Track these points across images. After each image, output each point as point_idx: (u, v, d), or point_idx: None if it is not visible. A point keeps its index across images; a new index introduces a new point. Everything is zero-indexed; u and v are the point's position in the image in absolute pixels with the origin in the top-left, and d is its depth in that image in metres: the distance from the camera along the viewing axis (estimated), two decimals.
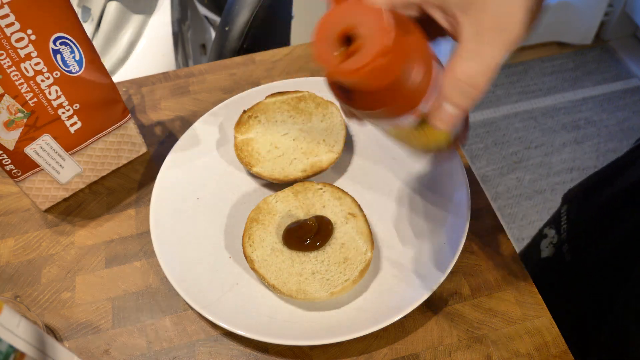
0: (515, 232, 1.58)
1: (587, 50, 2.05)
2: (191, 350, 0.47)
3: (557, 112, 1.87)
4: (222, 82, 0.69)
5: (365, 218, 0.50)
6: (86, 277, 0.52)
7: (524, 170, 1.72)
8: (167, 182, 0.56)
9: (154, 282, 0.51)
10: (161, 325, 0.49)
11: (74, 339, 0.48)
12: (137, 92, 0.69)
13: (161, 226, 0.53)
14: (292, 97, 0.61)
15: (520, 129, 1.82)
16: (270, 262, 0.48)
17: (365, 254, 0.47)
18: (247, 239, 0.50)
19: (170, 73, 0.71)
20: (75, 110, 0.52)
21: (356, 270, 0.46)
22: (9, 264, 0.54)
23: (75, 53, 0.49)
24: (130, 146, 0.60)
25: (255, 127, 0.59)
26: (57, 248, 0.55)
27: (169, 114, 0.66)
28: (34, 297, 0.51)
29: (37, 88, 0.48)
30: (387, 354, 0.46)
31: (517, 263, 0.50)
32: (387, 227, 0.52)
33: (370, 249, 0.48)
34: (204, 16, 1.24)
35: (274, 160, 0.56)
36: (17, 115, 0.48)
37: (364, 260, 0.47)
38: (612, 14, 2.01)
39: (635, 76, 1.95)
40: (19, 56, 0.46)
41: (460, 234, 0.49)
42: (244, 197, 0.56)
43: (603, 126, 1.81)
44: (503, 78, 1.99)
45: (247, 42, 0.87)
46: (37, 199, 0.56)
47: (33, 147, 0.51)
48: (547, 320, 0.47)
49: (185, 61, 1.10)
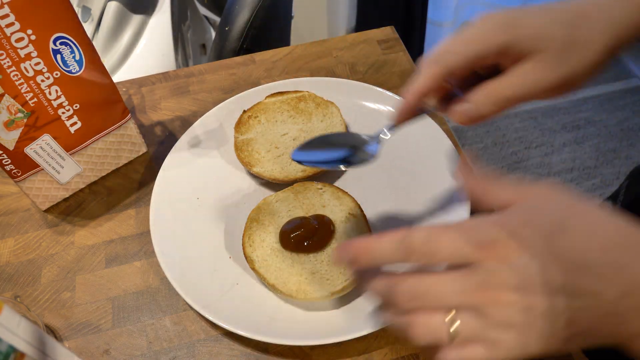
0: None
1: None
2: (191, 350, 0.47)
3: (557, 112, 1.87)
4: (222, 82, 0.69)
5: (365, 218, 0.50)
6: (86, 277, 0.52)
7: (524, 170, 1.72)
8: (167, 182, 0.56)
9: (154, 282, 0.51)
10: (161, 325, 0.49)
11: (74, 339, 0.48)
12: (137, 92, 0.69)
13: (161, 226, 0.53)
14: (292, 97, 0.61)
15: (520, 129, 1.82)
16: (270, 262, 0.48)
17: None
18: (247, 239, 0.50)
19: (170, 73, 0.71)
20: (75, 110, 0.52)
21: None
22: (9, 264, 0.54)
23: (75, 53, 0.49)
24: (130, 146, 0.60)
25: (255, 127, 0.59)
26: (57, 248, 0.55)
27: (169, 114, 0.66)
28: (34, 297, 0.51)
29: (37, 88, 0.48)
30: (387, 354, 0.46)
31: None
32: (387, 227, 0.52)
33: None
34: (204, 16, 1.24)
35: (274, 160, 0.56)
36: (17, 115, 0.48)
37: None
38: None
39: (635, 76, 1.95)
40: (19, 56, 0.46)
41: None
42: (244, 197, 0.56)
43: (603, 126, 1.81)
44: None
45: (247, 42, 0.87)
46: (37, 199, 0.56)
47: (33, 147, 0.51)
48: None
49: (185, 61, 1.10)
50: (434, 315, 0.31)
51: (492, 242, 0.30)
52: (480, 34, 0.35)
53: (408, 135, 0.59)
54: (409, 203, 0.54)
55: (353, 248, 0.32)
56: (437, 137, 0.57)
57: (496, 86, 0.36)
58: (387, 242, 0.32)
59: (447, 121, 0.61)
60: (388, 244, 0.32)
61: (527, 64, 0.35)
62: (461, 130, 1.84)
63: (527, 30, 0.34)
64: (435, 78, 0.37)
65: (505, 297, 0.29)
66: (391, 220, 0.53)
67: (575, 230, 0.29)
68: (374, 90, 0.62)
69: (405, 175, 0.56)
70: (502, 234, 0.30)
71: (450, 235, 0.31)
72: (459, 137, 1.81)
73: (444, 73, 0.37)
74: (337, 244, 0.48)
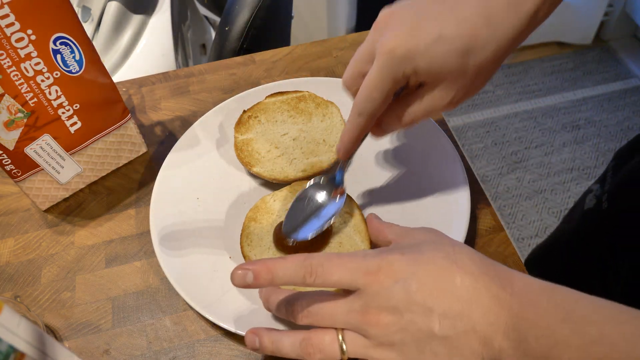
0: (515, 232, 1.58)
1: (587, 50, 2.05)
2: (191, 350, 0.47)
3: (557, 112, 1.87)
4: (222, 82, 0.69)
5: (363, 217, 0.50)
6: (86, 277, 0.52)
7: (524, 170, 1.72)
8: (167, 182, 0.56)
9: (154, 282, 0.51)
10: (161, 325, 0.49)
11: (74, 339, 0.48)
12: (137, 92, 0.69)
13: (161, 226, 0.53)
14: (292, 97, 0.61)
15: (520, 129, 1.82)
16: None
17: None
18: (244, 238, 0.50)
19: (170, 73, 0.71)
20: (75, 110, 0.52)
21: None
22: (9, 264, 0.54)
23: (75, 53, 0.49)
24: (130, 146, 0.60)
25: (255, 127, 0.59)
26: (57, 248, 0.55)
27: (169, 114, 0.66)
28: (34, 297, 0.51)
29: (37, 88, 0.48)
30: None
31: (517, 263, 0.50)
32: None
33: (368, 247, 0.48)
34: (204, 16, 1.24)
35: (273, 160, 0.56)
36: (17, 115, 0.48)
37: None
38: (612, 14, 2.01)
39: (635, 76, 1.95)
40: (19, 56, 0.46)
41: (460, 233, 0.49)
42: (243, 197, 0.56)
43: (603, 126, 1.81)
44: (503, 78, 1.99)
45: (247, 42, 0.87)
46: (37, 199, 0.56)
47: (33, 147, 0.51)
48: None
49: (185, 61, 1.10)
50: (327, 333, 0.37)
51: (376, 269, 0.35)
52: (388, 74, 0.39)
53: (407, 136, 0.59)
54: (407, 203, 0.54)
55: (256, 267, 0.37)
56: (437, 137, 0.57)
57: (405, 111, 0.42)
58: (289, 263, 0.37)
59: (447, 121, 0.62)
60: (290, 264, 0.37)
61: (428, 91, 0.40)
62: (461, 130, 1.84)
63: (425, 64, 0.37)
64: (365, 129, 0.43)
65: (385, 318, 0.35)
66: (389, 219, 0.53)
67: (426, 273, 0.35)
68: None
69: (404, 175, 0.56)
70: (384, 263, 0.35)
71: (344, 260, 0.36)
72: (459, 137, 1.81)
73: (370, 122, 0.42)
74: (334, 243, 0.48)
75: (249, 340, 0.40)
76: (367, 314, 0.35)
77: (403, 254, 0.36)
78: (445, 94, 0.39)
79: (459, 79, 0.38)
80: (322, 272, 0.36)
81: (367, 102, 0.40)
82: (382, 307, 0.35)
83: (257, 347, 0.39)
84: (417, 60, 0.37)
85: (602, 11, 1.94)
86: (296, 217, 0.48)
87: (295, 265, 0.36)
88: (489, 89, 1.95)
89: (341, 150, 0.46)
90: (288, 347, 0.38)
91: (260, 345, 0.39)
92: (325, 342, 0.37)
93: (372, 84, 0.39)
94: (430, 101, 0.40)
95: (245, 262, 0.39)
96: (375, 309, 0.35)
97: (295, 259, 0.37)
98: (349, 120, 0.43)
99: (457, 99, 0.40)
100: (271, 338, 0.39)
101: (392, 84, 0.39)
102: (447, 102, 0.40)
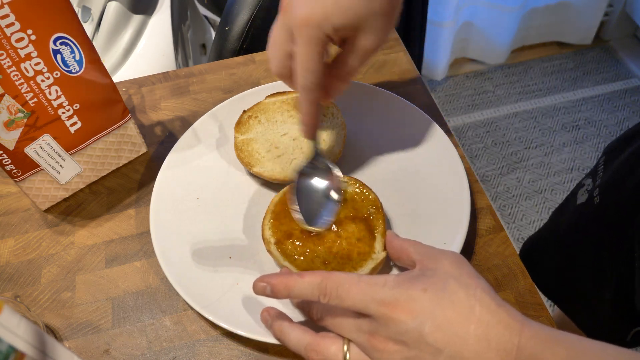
0: (515, 232, 1.58)
1: (587, 50, 2.05)
2: (191, 350, 0.47)
3: (557, 112, 1.87)
4: (222, 82, 0.69)
5: (384, 216, 0.49)
6: (86, 277, 0.52)
7: (524, 170, 1.72)
8: (167, 182, 0.56)
9: (154, 282, 0.51)
10: (161, 325, 0.49)
11: (74, 339, 0.48)
12: (137, 92, 0.69)
13: (161, 226, 0.53)
14: (292, 97, 0.61)
15: (520, 129, 1.83)
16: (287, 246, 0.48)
17: (378, 252, 0.47)
18: (266, 221, 0.50)
19: (170, 73, 0.71)
20: (75, 110, 0.52)
21: (367, 268, 0.46)
22: (9, 264, 0.54)
23: (75, 53, 0.49)
24: (130, 146, 0.60)
25: (255, 127, 0.59)
26: (57, 248, 0.55)
27: (169, 114, 0.66)
28: (34, 297, 0.51)
29: (37, 88, 0.48)
30: None
31: (517, 263, 0.50)
32: (387, 227, 0.52)
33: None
34: (204, 16, 1.24)
35: (274, 160, 0.56)
36: (17, 115, 0.48)
37: (377, 258, 0.46)
38: (612, 14, 2.01)
39: (635, 76, 1.95)
40: (19, 56, 0.46)
41: (461, 233, 0.49)
42: (243, 197, 0.56)
43: (603, 126, 1.81)
44: (503, 78, 1.99)
45: (247, 42, 0.87)
46: (37, 199, 0.56)
47: (33, 147, 0.51)
48: (546, 320, 0.47)
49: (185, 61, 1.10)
50: (334, 344, 0.38)
51: (394, 302, 0.36)
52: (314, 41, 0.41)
53: (408, 135, 0.59)
54: (407, 203, 0.54)
55: (274, 282, 0.40)
56: (437, 137, 0.57)
57: (342, 70, 0.46)
58: (306, 282, 0.38)
59: (447, 121, 0.62)
60: (306, 284, 0.38)
61: (354, 41, 0.43)
62: (461, 130, 1.84)
63: (340, 19, 0.41)
64: (317, 101, 0.45)
65: (391, 347, 0.36)
66: (391, 220, 0.53)
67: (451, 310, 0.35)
68: (374, 90, 0.62)
69: (404, 175, 0.56)
70: (404, 297, 0.36)
71: (361, 287, 0.37)
72: (459, 137, 1.81)
73: (318, 93, 0.45)
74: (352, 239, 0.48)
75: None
76: (374, 339, 0.37)
77: (426, 290, 0.36)
78: (370, 37, 0.43)
79: (372, 19, 0.42)
80: (337, 295, 0.37)
81: (308, 75, 0.43)
82: (390, 338, 0.36)
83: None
84: (332, 19, 0.40)
85: (602, 11, 1.94)
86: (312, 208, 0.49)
87: (312, 286, 0.38)
88: (489, 89, 1.95)
89: (306, 131, 0.48)
90: (293, 342, 0.40)
91: (268, 326, 0.43)
92: (330, 352, 0.38)
93: (304, 57, 0.42)
94: (360, 49, 0.44)
95: (268, 274, 0.41)
96: (383, 337, 0.36)
97: (312, 278, 0.38)
98: (300, 101, 0.45)
99: (381, 36, 0.43)
100: (280, 327, 0.41)
101: (320, 49, 0.42)
102: (374, 42, 0.43)
